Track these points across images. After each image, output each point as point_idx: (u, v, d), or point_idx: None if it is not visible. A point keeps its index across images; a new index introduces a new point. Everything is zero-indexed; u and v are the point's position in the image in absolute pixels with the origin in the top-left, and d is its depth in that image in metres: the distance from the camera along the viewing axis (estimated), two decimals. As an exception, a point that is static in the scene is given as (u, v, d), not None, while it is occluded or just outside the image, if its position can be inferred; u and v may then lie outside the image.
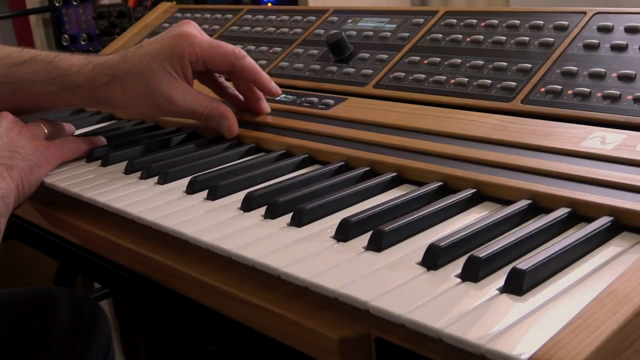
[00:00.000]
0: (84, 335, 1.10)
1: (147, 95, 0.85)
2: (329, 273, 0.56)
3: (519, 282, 0.50)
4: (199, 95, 0.88)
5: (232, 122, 0.88)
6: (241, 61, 0.88)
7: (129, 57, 0.86)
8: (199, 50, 0.86)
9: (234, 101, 0.95)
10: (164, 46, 0.85)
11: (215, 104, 0.88)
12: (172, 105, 0.86)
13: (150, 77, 0.84)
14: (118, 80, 0.85)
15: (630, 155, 0.63)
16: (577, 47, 0.81)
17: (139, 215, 0.72)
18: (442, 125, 0.77)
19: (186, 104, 0.86)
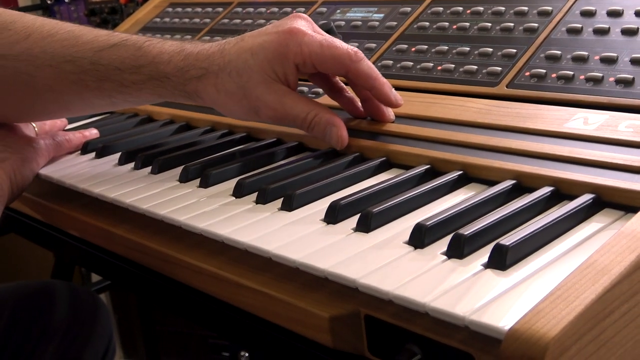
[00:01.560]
0: (84, 328, 1.11)
1: (242, 97, 0.75)
2: (319, 254, 0.57)
3: (503, 258, 0.51)
4: (302, 100, 0.76)
5: (341, 131, 0.76)
6: (356, 65, 0.75)
7: (226, 50, 0.76)
8: (307, 50, 0.74)
9: (349, 106, 0.83)
10: (268, 42, 0.74)
11: (321, 110, 0.76)
12: (269, 110, 0.75)
13: (247, 78, 0.74)
14: (211, 76, 0.76)
15: (612, 135, 0.65)
16: (560, 31, 0.82)
17: (133, 204, 0.73)
18: (430, 110, 0.79)
19: (286, 109, 0.75)
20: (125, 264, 0.78)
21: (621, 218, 0.57)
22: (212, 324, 0.70)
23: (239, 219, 0.66)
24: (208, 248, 0.66)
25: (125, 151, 0.86)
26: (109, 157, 0.89)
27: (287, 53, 0.74)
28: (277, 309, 0.59)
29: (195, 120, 0.97)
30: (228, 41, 0.78)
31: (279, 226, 0.63)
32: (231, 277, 0.63)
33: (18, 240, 1.17)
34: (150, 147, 0.88)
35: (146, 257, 0.72)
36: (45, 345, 1.06)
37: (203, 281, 0.66)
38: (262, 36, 0.75)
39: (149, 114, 1.04)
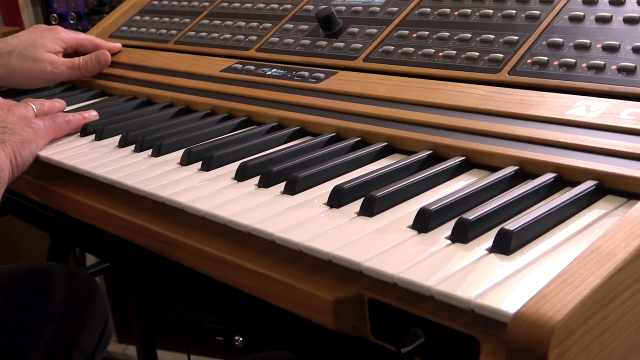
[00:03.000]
0: (81, 310, 1.11)
1: (34, 63, 1.09)
2: (323, 237, 0.57)
3: (507, 242, 0.51)
4: (72, 58, 1.14)
5: (104, 51, 1.15)
6: (97, 40, 1.19)
7: (9, 40, 1.11)
8: (73, 36, 1.16)
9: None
10: (44, 34, 1.13)
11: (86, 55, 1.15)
12: (56, 66, 1.10)
13: (34, 50, 1.09)
14: (5, 55, 1.08)
15: (613, 122, 0.65)
16: (562, 19, 0.82)
17: (135, 186, 0.73)
18: (431, 96, 0.79)
19: (66, 62, 1.12)
20: (125, 246, 0.78)
21: (623, 205, 0.57)
22: (213, 306, 0.71)
23: (241, 201, 0.66)
24: (210, 231, 0.66)
25: (126, 134, 0.86)
26: (108, 139, 0.89)
27: (62, 38, 1.14)
28: (281, 292, 0.59)
29: (194, 104, 0.96)
30: (6, 38, 1.12)
31: (282, 209, 0.63)
32: (234, 260, 0.63)
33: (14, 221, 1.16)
34: (151, 130, 0.87)
35: (148, 240, 0.72)
36: (42, 328, 1.07)
37: (205, 264, 0.66)
38: (33, 32, 1.14)
39: (148, 96, 1.04)
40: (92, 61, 1.14)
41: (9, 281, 1.10)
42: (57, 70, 1.11)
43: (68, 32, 1.16)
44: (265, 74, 0.97)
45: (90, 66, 1.13)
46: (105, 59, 1.15)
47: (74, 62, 1.13)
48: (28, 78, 1.10)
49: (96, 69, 1.15)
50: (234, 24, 1.16)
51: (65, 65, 1.12)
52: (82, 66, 1.13)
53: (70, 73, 1.12)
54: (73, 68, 1.12)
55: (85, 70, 1.14)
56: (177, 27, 1.24)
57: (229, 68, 1.03)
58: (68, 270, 1.17)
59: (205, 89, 0.98)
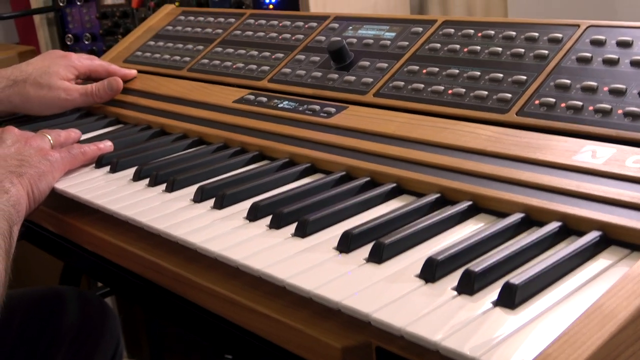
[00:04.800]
0: (92, 334, 1.13)
1: (48, 90, 1.11)
2: (332, 284, 0.59)
3: (512, 297, 0.53)
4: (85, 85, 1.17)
5: (116, 78, 1.17)
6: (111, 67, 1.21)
7: (22, 67, 1.14)
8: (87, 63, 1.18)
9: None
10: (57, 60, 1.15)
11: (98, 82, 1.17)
12: (69, 94, 1.13)
13: (49, 78, 1.11)
14: (20, 83, 1.11)
15: (619, 170, 0.66)
16: (570, 60, 0.84)
17: (149, 224, 0.75)
18: (440, 136, 0.80)
19: (78, 89, 1.14)
20: (139, 280, 0.79)
21: (627, 257, 0.59)
22: (224, 345, 0.72)
23: (253, 243, 0.68)
24: (223, 270, 0.68)
25: (140, 167, 0.87)
26: (123, 172, 0.91)
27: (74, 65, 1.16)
28: (289, 336, 0.60)
29: (207, 136, 0.98)
30: (20, 65, 1.16)
31: (292, 253, 0.65)
32: (245, 302, 0.64)
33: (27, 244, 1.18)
34: (165, 164, 0.89)
35: (161, 277, 0.74)
36: (55, 352, 1.08)
37: (216, 304, 0.68)
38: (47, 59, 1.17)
39: (162, 126, 1.06)
40: (105, 88, 1.16)
41: (22, 306, 1.12)
42: (71, 98, 1.13)
43: (81, 58, 1.19)
44: (277, 106, 0.99)
45: (102, 93, 1.16)
46: (117, 86, 1.17)
47: (86, 89, 1.15)
48: (43, 105, 1.12)
49: (108, 95, 1.17)
50: (247, 53, 1.17)
51: (79, 92, 1.14)
52: (95, 93, 1.15)
53: (83, 100, 1.15)
54: (86, 95, 1.15)
55: (97, 97, 1.16)
56: (191, 54, 1.26)
57: (241, 99, 1.05)
58: (80, 293, 1.19)
59: (218, 120, 1.00)
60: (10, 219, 0.75)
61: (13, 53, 1.89)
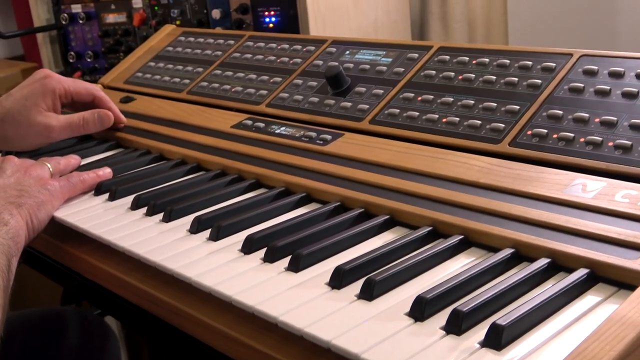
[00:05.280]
0: (93, 355, 1.14)
1: (28, 128, 1.04)
2: (323, 322, 0.60)
3: (499, 338, 0.54)
4: (71, 114, 1.09)
5: (105, 110, 1.10)
6: (99, 93, 1.12)
7: (2, 103, 1.06)
8: (66, 85, 1.08)
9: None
10: (35, 88, 1.06)
11: (86, 112, 1.10)
12: (50, 131, 1.05)
13: (27, 113, 1.04)
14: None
15: (608, 205, 0.67)
16: (563, 89, 0.84)
17: (145, 256, 0.76)
18: (433, 166, 0.81)
19: (61, 123, 1.06)
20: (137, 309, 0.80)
21: (613, 295, 0.59)
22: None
23: (246, 277, 0.69)
24: (218, 303, 0.69)
25: (138, 196, 0.88)
26: (121, 199, 0.92)
27: (51, 88, 1.07)
28: (283, 371, 0.61)
29: (205, 162, 0.99)
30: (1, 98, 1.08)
31: (285, 288, 0.66)
32: (238, 337, 0.65)
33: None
34: (162, 192, 0.90)
35: (157, 308, 0.75)
36: (56, 374, 1.09)
37: (211, 337, 0.69)
38: (28, 86, 1.07)
39: (161, 151, 1.07)
40: (95, 121, 1.09)
41: (24, 329, 1.13)
42: (54, 135, 1.06)
43: (64, 82, 1.09)
44: (274, 132, 1.00)
45: (91, 126, 1.09)
46: (108, 121, 1.11)
47: (72, 122, 1.07)
48: (25, 143, 1.07)
49: (98, 129, 1.11)
50: (245, 76, 1.19)
51: (61, 127, 1.06)
52: (82, 125, 1.08)
53: (68, 133, 1.08)
54: (71, 128, 1.08)
55: (85, 130, 1.09)
56: (190, 76, 1.27)
57: (239, 124, 1.06)
58: (81, 314, 1.20)
59: (216, 146, 1.01)
60: (9, 252, 0.76)
61: (17, 70, 1.91)
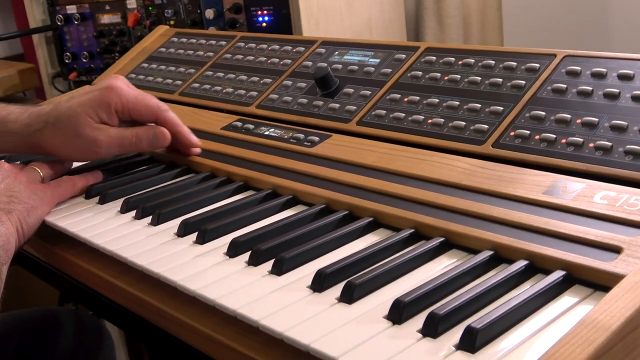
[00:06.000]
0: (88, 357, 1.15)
1: (75, 138, 0.93)
2: (303, 326, 0.60)
3: (472, 341, 0.54)
4: (124, 128, 0.96)
5: (162, 129, 0.97)
6: (164, 114, 0.98)
7: (60, 105, 0.95)
8: (125, 100, 0.94)
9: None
10: (93, 97, 0.94)
11: (139, 127, 0.97)
12: (97, 145, 0.93)
13: (75, 122, 0.92)
14: (49, 127, 0.93)
15: (587, 207, 0.68)
16: (546, 90, 0.85)
17: (132, 260, 0.77)
18: (417, 168, 0.82)
19: (111, 138, 0.94)
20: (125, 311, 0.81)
21: (589, 296, 0.60)
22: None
23: (230, 281, 0.70)
24: (202, 306, 0.70)
25: (127, 200, 0.89)
26: (111, 203, 0.92)
27: (109, 101, 0.94)
28: (265, 374, 0.62)
29: (195, 164, 1.00)
30: (61, 99, 0.97)
31: (267, 292, 0.67)
32: (221, 339, 0.66)
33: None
34: (151, 195, 0.91)
35: (145, 311, 0.76)
36: (51, 374, 1.11)
37: (196, 340, 0.70)
38: (88, 94, 0.95)
39: (150, 154, 1.07)
40: (149, 139, 0.96)
41: (19, 328, 1.14)
42: (100, 150, 0.94)
43: (125, 96, 0.95)
44: (264, 134, 1.01)
45: (144, 144, 0.96)
46: (164, 141, 0.97)
47: (123, 138, 0.95)
48: (72, 154, 0.96)
49: (151, 148, 0.99)
50: (236, 77, 1.19)
51: (110, 142, 0.94)
52: (134, 143, 0.95)
53: (118, 150, 0.96)
54: (122, 145, 0.95)
55: (137, 148, 0.97)
56: (182, 77, 1.28)
57: (229, 126, 1.07)
58: (76, 315, 1.21)
59: (206, 148, 1.02)
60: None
61: (13, 71, 1.92)
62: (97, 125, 0.93)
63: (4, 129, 0.95)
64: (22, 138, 0.95)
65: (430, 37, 1.99)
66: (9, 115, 0.96)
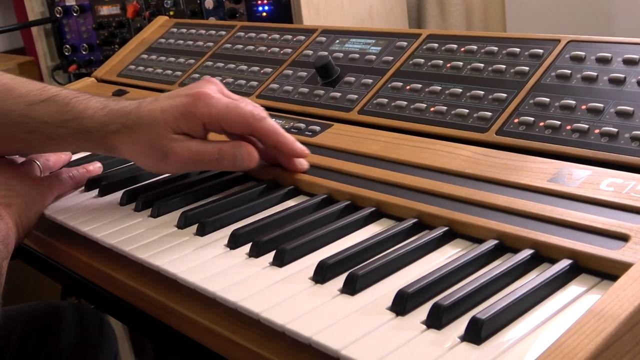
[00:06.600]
0: (90, 350, 1.14)
1: (150, 147, 0.81)
2: (304, 318, 0.59)
3: (478, 332, 0.53)
4: (207, 142, 0.82)
5: (249, 148, 0.82)
6: (260, 123, 0.81)
7: (142, 106, 0.82)
8: (215, 111, 0.80)
9: (263, 156, 0.86)
10: (177, 104, 0.81)
11: (224, 142, 0.82)
12: (176, 156, 0.80)
13: (154, 130, 0.80)
14: (126, 130, 0.81)
15: (593, 194, 0.67)
16: (550, 76, 0.84)
17: (132, 253, 0.76)
18: (420, 156, 0.81)
19: (190, 154, 0.80)
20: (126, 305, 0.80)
21: (596, 285, 0.59)
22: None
23: (231, 273, 0.69)
24: (203, 299, 0.69)
25: (127, 192, 0.88)
26: (111, 195, 0.91)
27: (195, 112, 0.80)
28: (266, 367, 0.61)
29: (195, 155, 0.99)
30: (145, 99, 0.84)
31: (269, 284, 0.66)
32: (222, 332, 0.65)
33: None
34: (151, 187, 0.90)
35: (146, 304, 0.75)
36: (53, 369, 1.10)
37: (197, 332, 0.69)
38: (174, 98, 0.82)
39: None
40: (233, 158, 0.82)
41: (22, 322, 1.13)
42: (177, 164, 0.82)
43: (215, 106, 0.80)
44: (263, 124, 0.99)
45: (226, 163, 0.82)
46: (249, 162, 0.82)
47: (203, 153, 0.81)
48: (146, 165, 0.85)
49: (234, 168, 0.85)
50: (236, 67, 1.18)
51: (188, 157, 0.81)
52: (216, 160, 0.82)
53: (197, 166, 0.85)
54: (201, 161, 0.82)
55: (218, 166, 0.84)
56: (182, 68, 1.27)
57: (229, 116, 1.05)
58: (77, 308, 1.20)
59: (206, 139, 1.01)
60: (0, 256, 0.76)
61: (13, 64, 1.91)
62: (176, 137, 0.80)
63: (79, 126, 0.83)
64: (97, 138, 0.83)
65: (432, 25, 1.97)
66: (85, 111, 0.83)
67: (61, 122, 0.83)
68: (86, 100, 0.85)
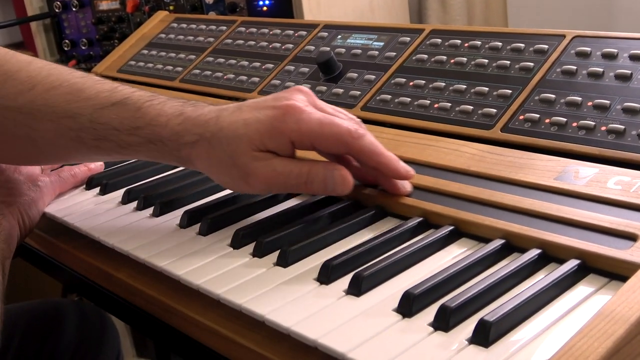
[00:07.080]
0: (92, 348, 1.14)
1: (231, 166, 0.72)
2: (310, 320, 0.59)
3: (486, 334, 0.53)
4: (295, 161, 0.72)
5: (343, 171, 0.72)
6: (358, 142, 0.71)
7: (222, 117, 0.73)
8: (305, 128, 0.70)
9: (360, 174, 0.77)
10: (264, 119, 0.71)
11: (314, 162, 0.72)
12: (258, 177, 0.71)
13: (235, 146, 0.71)
14: (204, 143, 0.72)
15: (599, 193, 0.66)
16: (555, 72, 0.83)
17: (133, 253, 0.75)
18: (424, 154, 0.80)
19: (275, 175, 0.71)
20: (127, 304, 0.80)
21: (605, 286, 0.58)
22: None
23: (235, 274, 0.68)
24: (207, 299, 0.68)
25: (128, 190, 0.88)
26: (112, 193, 0.91)
27: (282, 129, 0.70)
28: (270, 369, 0.61)
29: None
30: (226, 108, 0.74)
31: (273, 285, 0.65)
32: (227, 333, 0.64)
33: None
34: (153, 185, 0.89)
35: (148, 305, 0.74)
36: (55, 367, 1.09)
37: (201, 333, 0.68)
38: (260, 110, 0.72)
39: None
40: (325, 182, 0.72)
41: (24, 321, 1.12)
42: (259, 186, 0.73)
43: (305, 123, 0.70)
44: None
45: (316, 186, 0.72)
46: (342, 187, 0.72)
47: (290, 174, 0.71)
48: (222, 181, 0.76)
49: (325, 193, 0.76)
50: (238, 63, 1.17)
51: (271, 178, 0.72)
52: (304, 183, 0.72)
53: (282, 188, 0.74)
54: (287, 184, 0.72)
55: (307, 189, 0.73)
56: (183, 64, 1.26)
57: (231, 113, 1.04)
58: (79, 307, 1.20)
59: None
60: (2, 255, 0.75)
61: (12, 59, 1.89)
62: (260, 155, 0.71)
63: (150, 134, 0.74)
64: (171, 150, 0.74)
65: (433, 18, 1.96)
66: (158, 117, 0.74)
67: (132, 129, 0.74)
68: (160, 104, 0.75)
